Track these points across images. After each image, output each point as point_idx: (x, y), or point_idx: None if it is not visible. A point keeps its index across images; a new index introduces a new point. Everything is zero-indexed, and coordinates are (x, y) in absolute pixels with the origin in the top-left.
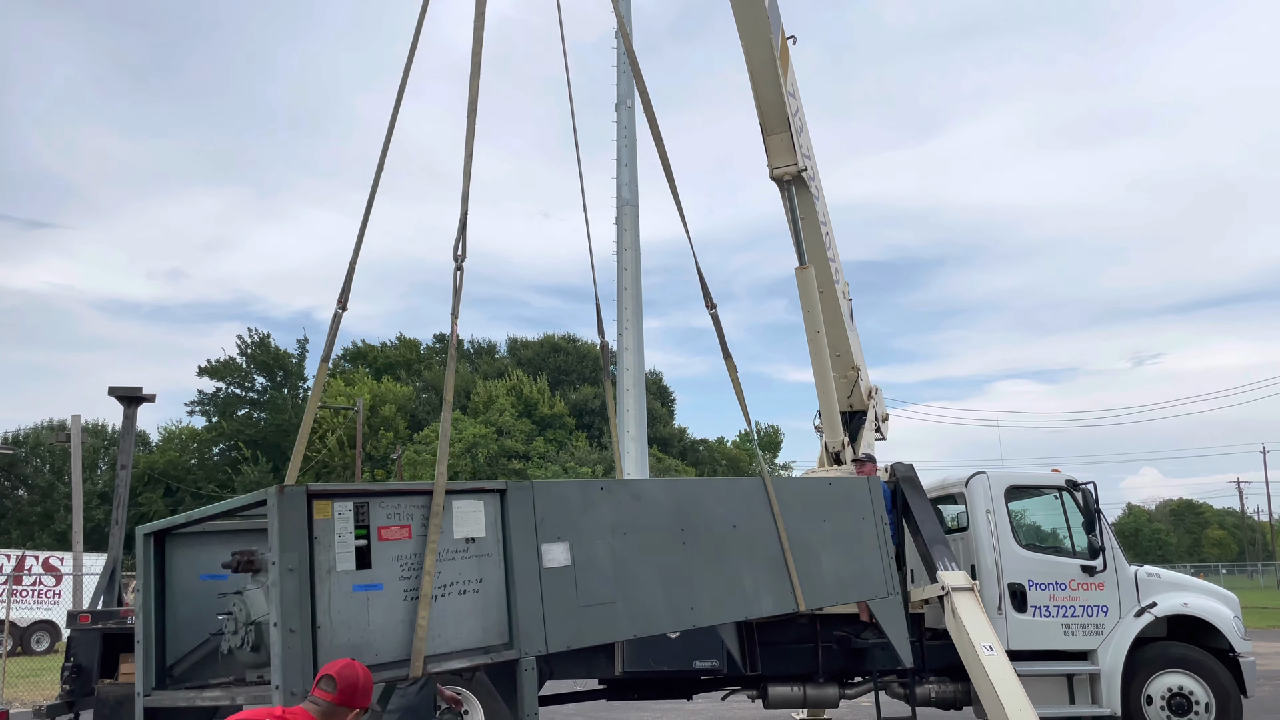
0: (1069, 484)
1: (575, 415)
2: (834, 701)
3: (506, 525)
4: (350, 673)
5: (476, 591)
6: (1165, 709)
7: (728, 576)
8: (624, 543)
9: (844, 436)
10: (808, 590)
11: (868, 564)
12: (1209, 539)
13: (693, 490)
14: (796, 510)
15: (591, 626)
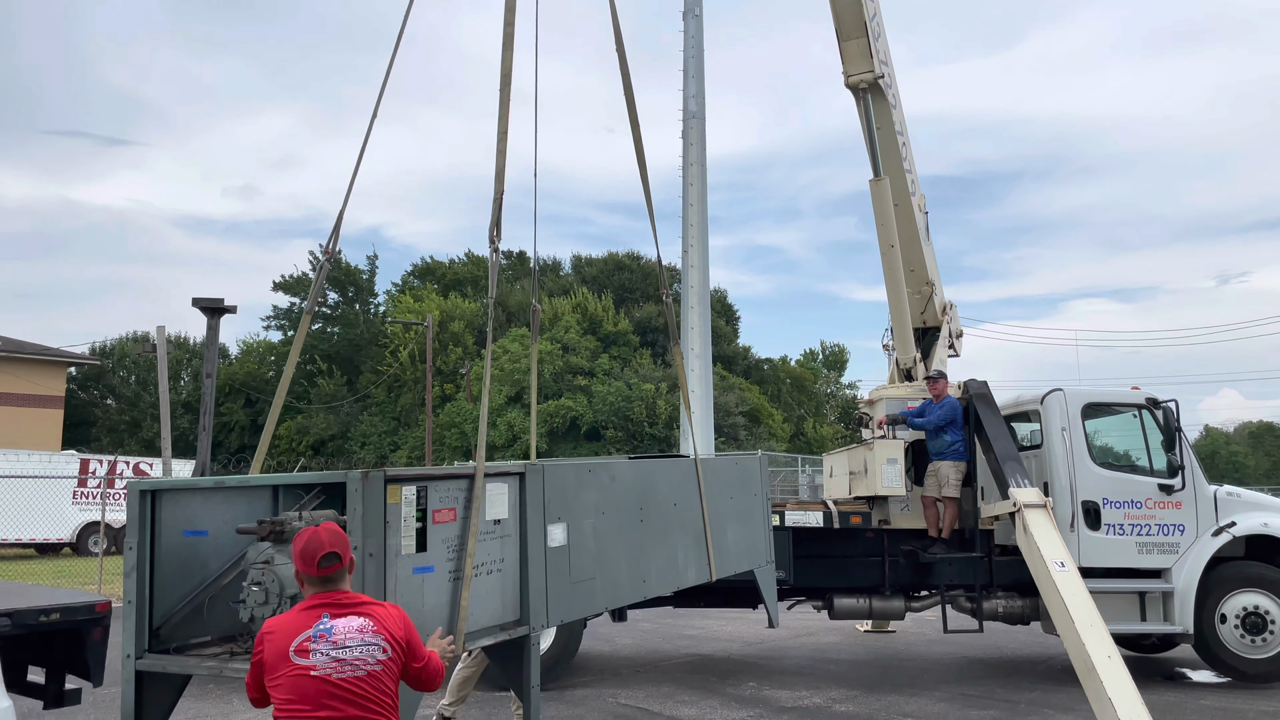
0: (1149, 402)
1: (639, 333)
2: (899, 614)
3: (523, 507)
4: (338, 537)
5: (500, 571)
6: (1239, 627)
7: (668, 551)
8: (603, 522)
9: (916, 353)
10: (718, 562)
11: (756, 535)
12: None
13: (650, 471)
14: (715, 488)
15: (579, 602)
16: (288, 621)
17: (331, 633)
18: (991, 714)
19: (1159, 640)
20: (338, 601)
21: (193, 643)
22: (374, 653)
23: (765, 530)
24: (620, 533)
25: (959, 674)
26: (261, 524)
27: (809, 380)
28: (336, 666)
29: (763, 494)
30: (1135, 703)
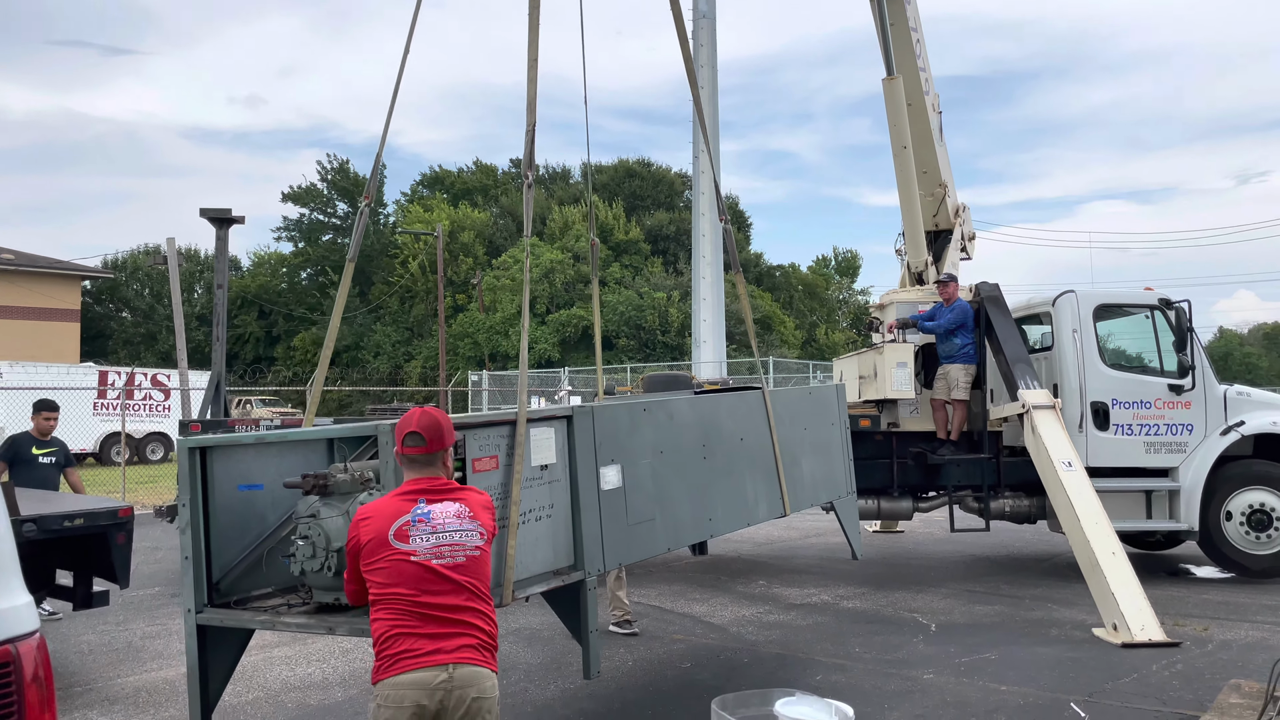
0: (1162, 302)
1: (650, 241)
2: (908, 514)
3: (573, 451)
4: (427, 419)
5: (549, 517)
6: (1244, 524)
7: (735, 487)
8: (661, 462)
9: (928, 256)
10: (792, 495)
11: (834, 467)
12: None
13: (712, 406)
14: (786, 420)
15: (638, 543)
16: (384, 506)
17: (430, 518)
18: (996, 608)
19: (1164, 538)
20: (433, 487)
21: (254, 595)
22: (471, 538)
23: (845, 461)
24: (681, 471)
25: (965, 571)
26: (305, 478)
27: (821, 287)
28: (436, 551)
29: (841, 423)
30: (1137, 597)
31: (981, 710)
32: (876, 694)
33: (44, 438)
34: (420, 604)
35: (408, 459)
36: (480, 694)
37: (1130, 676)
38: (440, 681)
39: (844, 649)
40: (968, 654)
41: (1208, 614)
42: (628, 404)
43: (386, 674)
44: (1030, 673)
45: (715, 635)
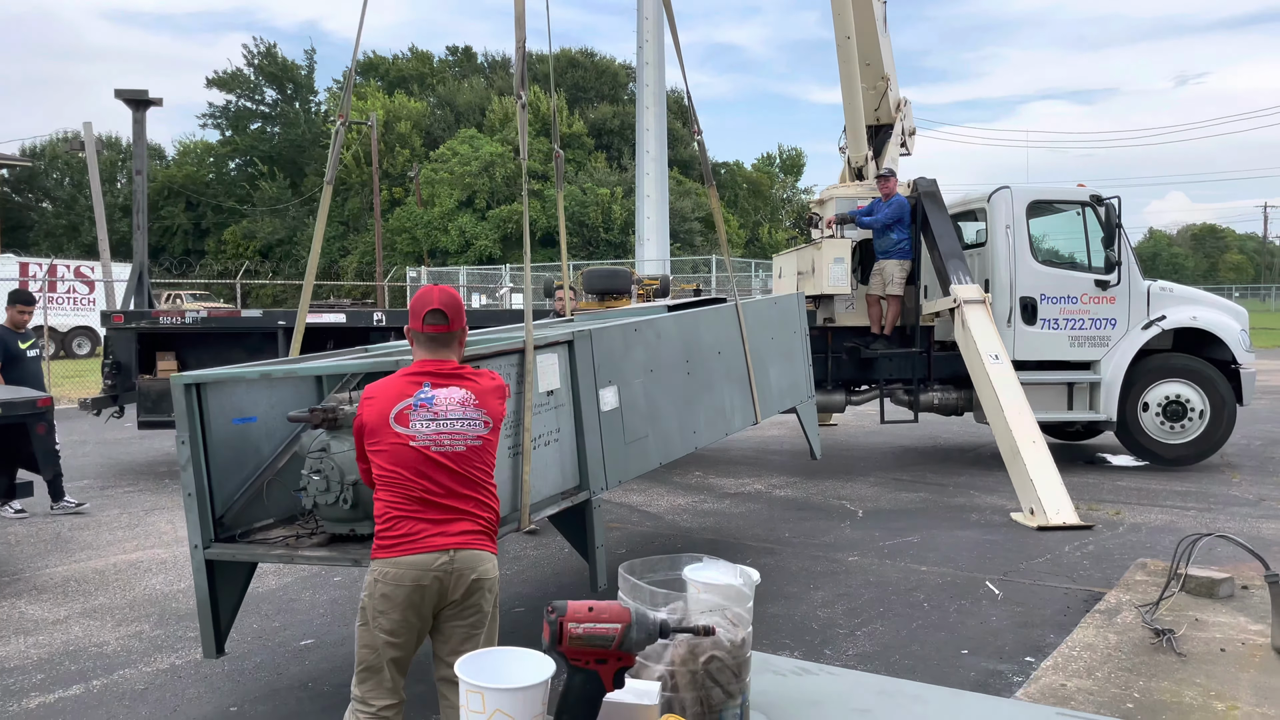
0: (1093, 199)
1: (594, 135)
2: (840, 407)
3: (575, 375)
4: (448, 297)
5: (556, 441)
6: (1160, 415)
7: (715, 400)
8: (651, 380)
9: (868, 150)
10: (762, 404)
11: (797, 373)
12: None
13: (693, 321)
14: (755, 331)
15: (635, 460)
16: (389, 387)
17: (432, 403)
18: (920, 495)
19: (1084, 428)
20: (441, 370)
21: (256, 526)
22: (474, 427)
23: (805, 367)
24: (669, 388)
25: (893, 461)
26: (314, 411)
27: (765, 185)
28: (435, 439)
29: (802, 330)
30: (1054, 483)
31: (902, 589)
32: (803, 574)
33: (20, 330)
34: (420, 488)
35: (426, 337)
36: (480, 575)
37: (1044, 557)
38: (440, 564)
39: (774, 534)
40: (891, 538)
41: (1120, 499)
42: (621, 326)
43: (387, 554)
44: (949, 554)
45: (651, 523)
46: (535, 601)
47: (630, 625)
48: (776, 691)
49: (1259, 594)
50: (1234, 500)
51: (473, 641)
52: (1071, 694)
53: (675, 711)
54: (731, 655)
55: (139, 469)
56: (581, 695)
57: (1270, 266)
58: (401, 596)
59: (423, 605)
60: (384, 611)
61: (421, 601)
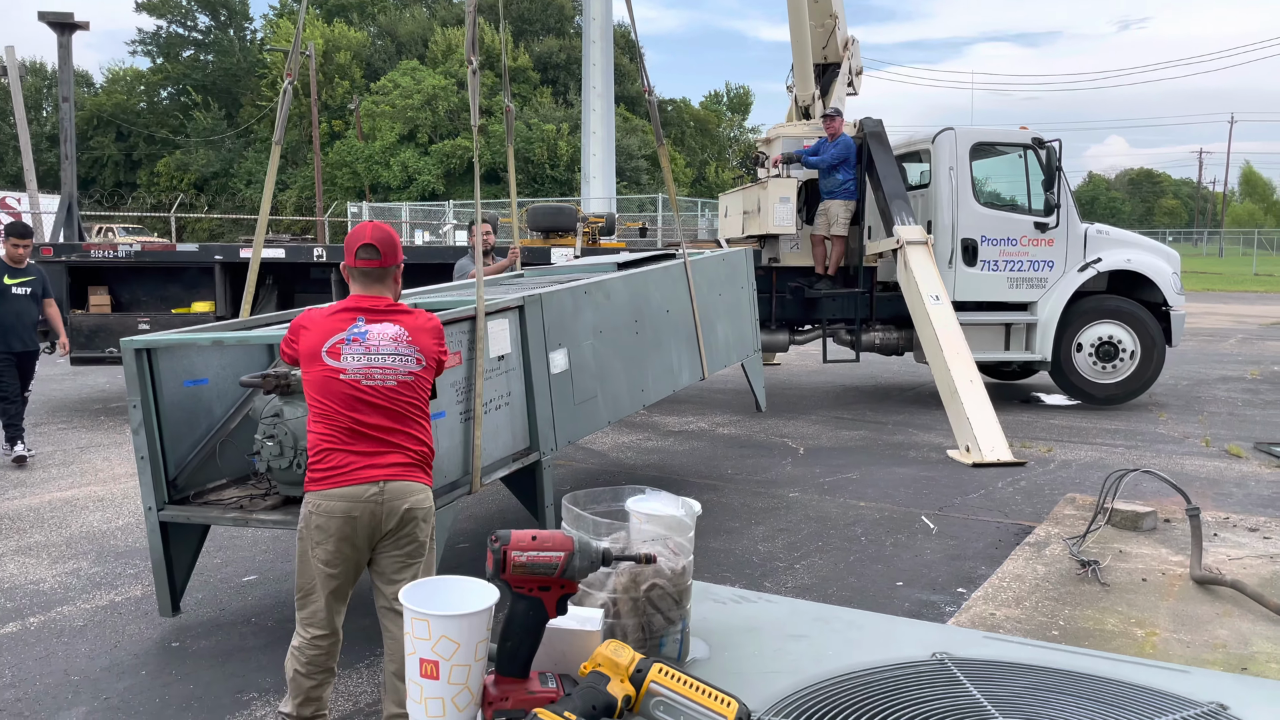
0: (1035, 141)
1: (540, 69)
2: (784, 346)
3: (525, 339)
4: (381, 232)
5: (507, 405)
6: (1093, 355)
7: (663, 357)
8: (601, 341)
9: (815, 89)
10: (710, 359)
11: (744, 328)
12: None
13: (643, 282)
14: (704, 288)
15: (584, 420)
16: (323, 320)
17: (365, 338)
18: (861, 434)
19: (1019, 368)
20: (376, 306)
21: (209, 486)
22: (406, 363)
23: (752, 321)
24: (618, 348)
25: (834, 400)
26: (266, 377)
27: (713, 123)
28: (366, 372)
29: (749, 286)
30: (990, 421)
31: (840, 523)
32: (745, 510)
33: (17, 265)
34: (350, 420)
35: (359, 272)
36: (412, 505)
37: (978, 492)
38: (371, 495)
39: (717, 471)
40: (831, 474)
41: (1053, 437)
42: (571, 289)
43: (319, 486)
44: (887, 490)
45: (595, 460)
46: (480, 537)
47: (573, 553)
48: (716, 619)
49: (1180, 527)
50: (1160, 438)
51: (410, 570)
52: (1000, 622)
53: (617, 637)
54: (672, 583)
55: (72, 405)
56: (525, 622)
57: (1203, 212)
58: (334, 528)
59: (355, 536)
60: (319, 542)
61: (354, 533)
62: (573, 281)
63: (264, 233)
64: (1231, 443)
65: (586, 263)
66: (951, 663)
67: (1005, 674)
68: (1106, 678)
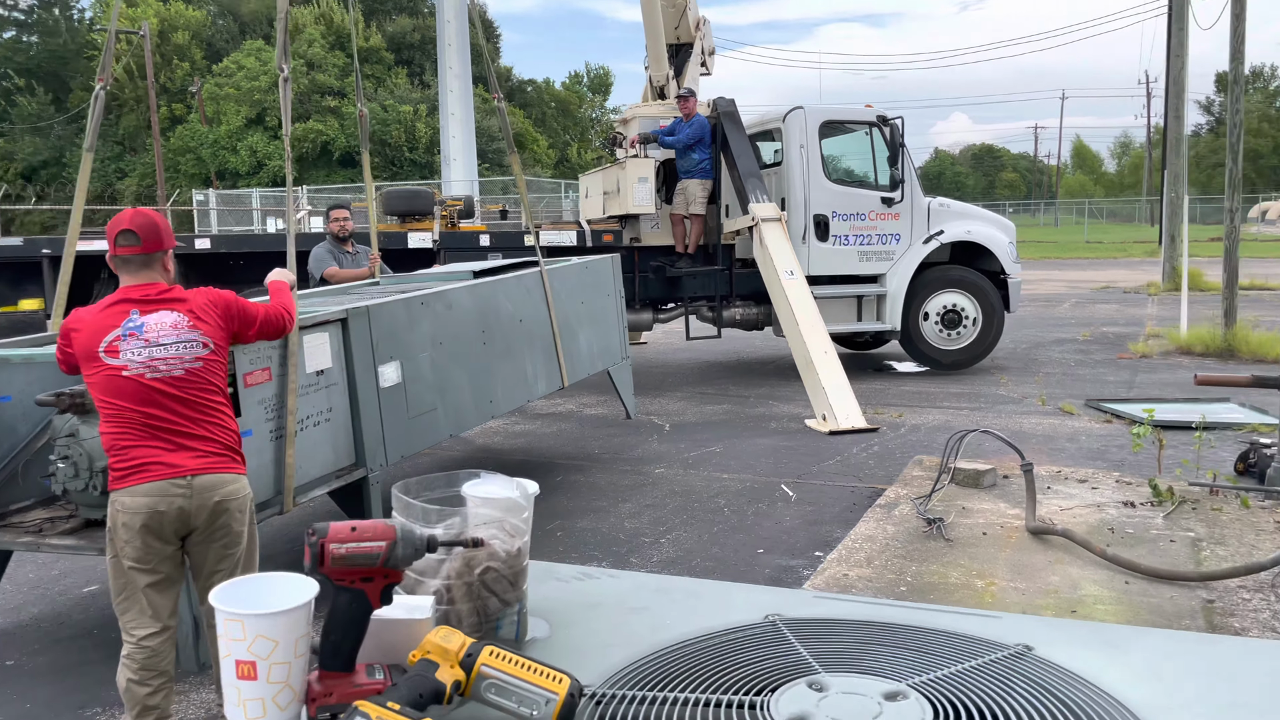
0: (879, 119)
1: (393, 49)
2: (649, 325)
3: (349, 353)
4: (141, 218)
5: (328, 421)
6: (939, 323)
7: (515, 367)
8: (440, 352)
9: (669, 70)
10: (570, 368)
11: (610, 336)
12: (1002, 181)
13: (491, 291)
14: (563, 296)
15: (419, 434)
16: (93, 319)
17: (143, 330)
18: (724, 408)
19: (872, 338)
20: (147, 295)
21: (12, 509)
22: (192, 349)
23: (620, 329)
24: (461, 359)
25: (698, 376)
26: (60, 396)
27: (574, 104)
28: (150, 365)
29: (616, 293)
30: (844, 390)
31: (704, 496)
32: (611, 488)
33: None
34: (143, 416)
35: (121, 260)
36: (224, 497)
37: (834, 459)
38: (179, 490)
39: (585, 451)
40: (696, 449)
41: (904, 403)
42: (405, 300)
43: (120, 484)
44: (749, 461)
45: (461, 447)
46: None
47: (395, 542)
48: (558, 597)
49: (1018, 482)
50: (1002, 399)
51: (228, 562)
52: (853, 582)
53: (452, 623)
54: (507, 565)
55: None
56: (348, 614)
57: (1040, 184)
58: (139, 524)
59: (163, 531)
60: (127, 541)
61: (161, 527)
62: (414, 291)
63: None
64: (1065, 401)
65: (445, 270)
66: (782, 623)
67: (831, 631)
68: (924, 627)
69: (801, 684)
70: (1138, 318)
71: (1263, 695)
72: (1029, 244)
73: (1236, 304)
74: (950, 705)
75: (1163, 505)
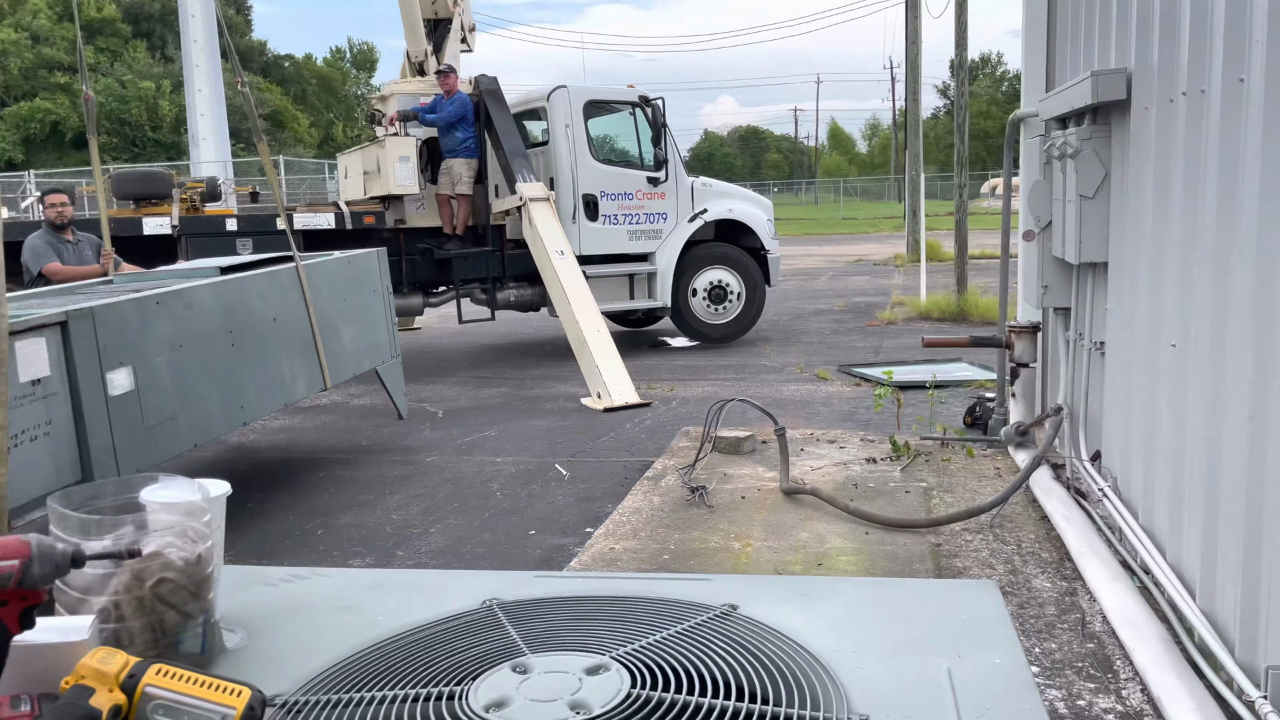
0: (641, 99)
1: (130, 21)
2: (419, 310)
3: (71, 359)
4: None
5: (47, 435)
6: (706, 299)
7: (270, 370)
8: (181, 356)
9: (427, 46)
10: (333, 368)
11: (377, 333)
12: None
13: (239, 289)
14: (324, 294)
15: (158, 445)
16: None
17: None
18: (499, 391)
19: (645, 315)
20: None
21: None
22: None
23: (388, 326)
24: (206, 363)
25: (473, 360)
26: None
27: (337, 81)
28: None
29: (383, 289)
30: (617, 367)
31: (477, 481)
32: (378, 480)
33: None
34: None
35: None
36: None
37: (608, 435)
38: None
39: (351, 443)
40: (470, 434)
41: (675, 377)
42: (137, 300)
43: None
44: (524, 443)
45: (212, 448)
46: None
47: (30, 559)
48: (262, 603)
49: (774, 446)
50: (765, 369)
51: None
52: (619, 555)
53: (123, 642)
54: (186, 574)
55: None
56: None
57: (801, 164)
58: None
59: None
60: None
61: None
62: (149, 290)
63: None
64: (820, 368)
65: (190, 266)
66: (499, 607)
67: (547, 610)
68: (639, 597)
69: (505, 668)
70: (885, 288)
71: (935, 630)
72: (792, 221)
73: (967, 272)
74: (650, 671)
75: (900, 460)
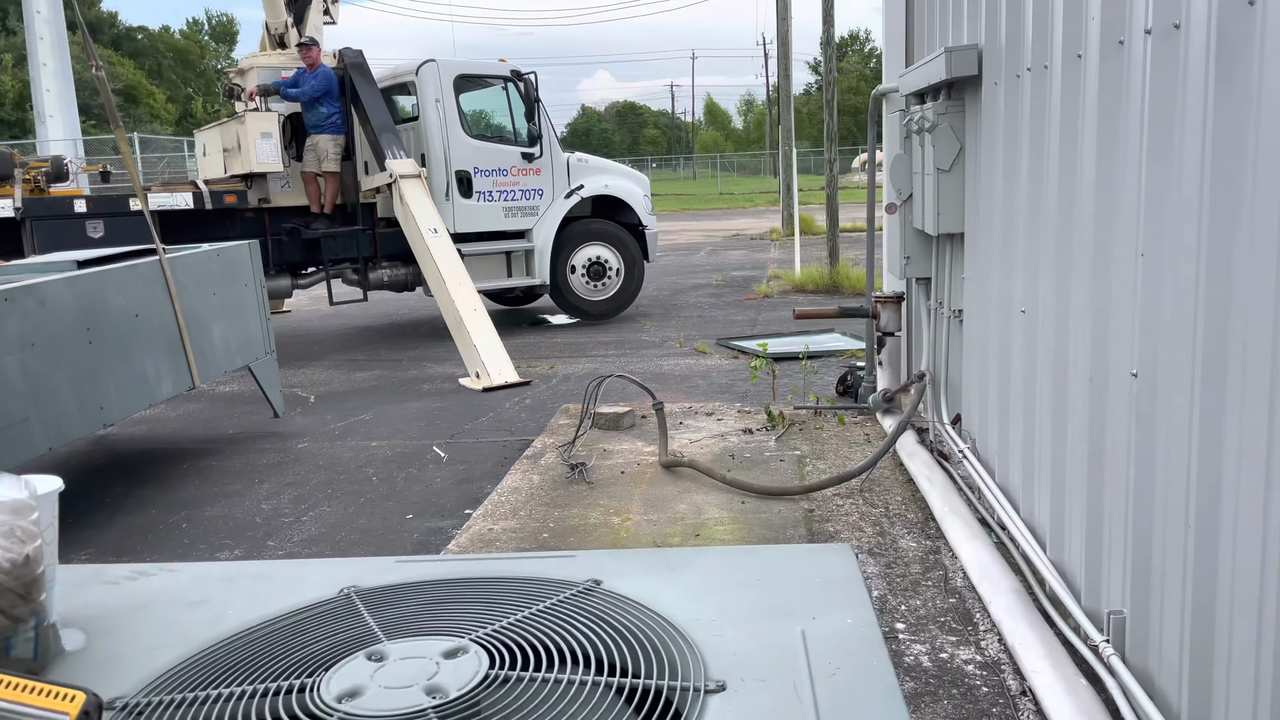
0: (513, 74)
1: None
2: (287, 292)
3: None
4: None
5: None
6: (585, 275)
7: (132, 368)
8: (33, 355)
9: (288, 17)
10: (201, 366)
11: (250, 329)
12: (646, 138)
13: (98, 284)
14: (190, 288)
15: (9, 450)
16: None
17: None
18: (375, 373)
19: (523, 293)
20: None
21: None
22: None
23: (262, 321)
24: (60, 363)
25: (347, 343)
26: None
27: (195, 54)
28: None
29: (255, 283)
30: (495, 346)
31: (351, 467)
32: (247, 470)
33: None
34: None
35: None
36: None
37: (488, 415)
38: None
39: (217, 432)
40: (344, 419)
41: (555, 354)
42: None
43: None
44: (400, 426)
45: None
46: None
47: None
48: (104, 602)
49: (653, 421)
50: (645, 344)
51: None
52: (498, 536)
53: None
54: (13, 576)
55: None
56: None
57: (679, 140)
58: None
59: None
60: None
61: None
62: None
63: None
64: (700, 342)
65: (43, 260)
66: (357, 595)
67: (407, 596)
68: (503, 577)
69: (360, 657)
70: (762, 262)
71: (790, 594)
72: (670, 197)
73: (839, 245)
74: (510, 650)
75: (775, 430)
